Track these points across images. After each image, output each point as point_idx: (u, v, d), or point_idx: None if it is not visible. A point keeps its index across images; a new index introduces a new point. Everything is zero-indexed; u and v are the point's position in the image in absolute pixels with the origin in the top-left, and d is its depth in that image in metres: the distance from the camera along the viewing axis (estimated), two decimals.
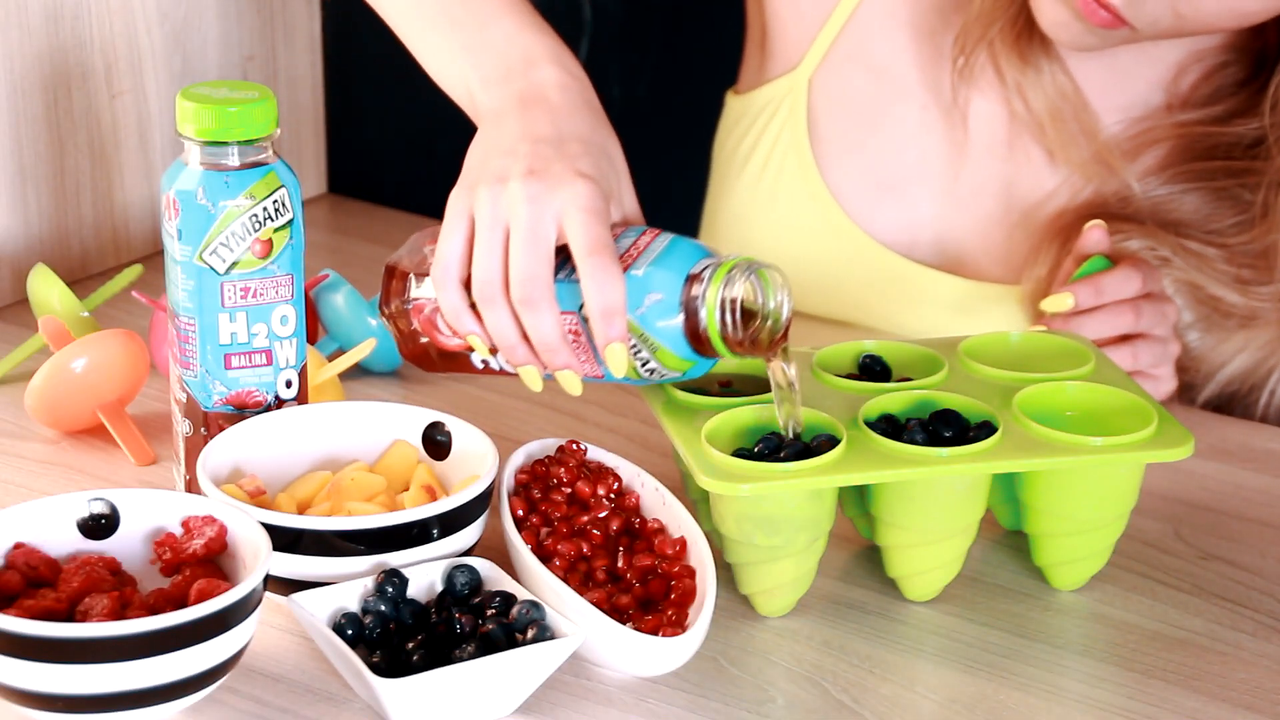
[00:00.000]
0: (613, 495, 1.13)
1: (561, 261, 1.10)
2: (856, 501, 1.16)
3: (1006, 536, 1.20)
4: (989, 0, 1.40)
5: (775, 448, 1.09)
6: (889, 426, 1.12)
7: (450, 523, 1.09)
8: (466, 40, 1.19)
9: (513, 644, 1.01)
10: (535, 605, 1.03)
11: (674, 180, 1.79)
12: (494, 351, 1.13)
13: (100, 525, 1.08)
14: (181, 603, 1.02)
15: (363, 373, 1.40)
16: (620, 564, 1.09)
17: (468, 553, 1.11)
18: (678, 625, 1.05)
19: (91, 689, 0.97)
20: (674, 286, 1.08)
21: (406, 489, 1.16)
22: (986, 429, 1.11)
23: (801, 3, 1.49)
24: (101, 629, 0.96)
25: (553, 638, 1.02)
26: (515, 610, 1.03)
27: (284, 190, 1.14)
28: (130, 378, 1.29)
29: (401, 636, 1.04)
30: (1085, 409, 1.15)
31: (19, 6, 1.45)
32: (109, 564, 1.06)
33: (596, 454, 1.15)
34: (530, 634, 1.02)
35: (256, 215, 1.13)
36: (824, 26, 1.48)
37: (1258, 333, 1.40)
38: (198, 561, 1.06)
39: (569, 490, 1.12)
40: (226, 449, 1.15)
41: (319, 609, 1.04)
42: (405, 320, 1.17)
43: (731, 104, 1.57)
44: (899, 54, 1.47)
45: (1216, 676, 1.09)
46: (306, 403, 1.19)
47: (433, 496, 1.14)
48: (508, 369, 1.14)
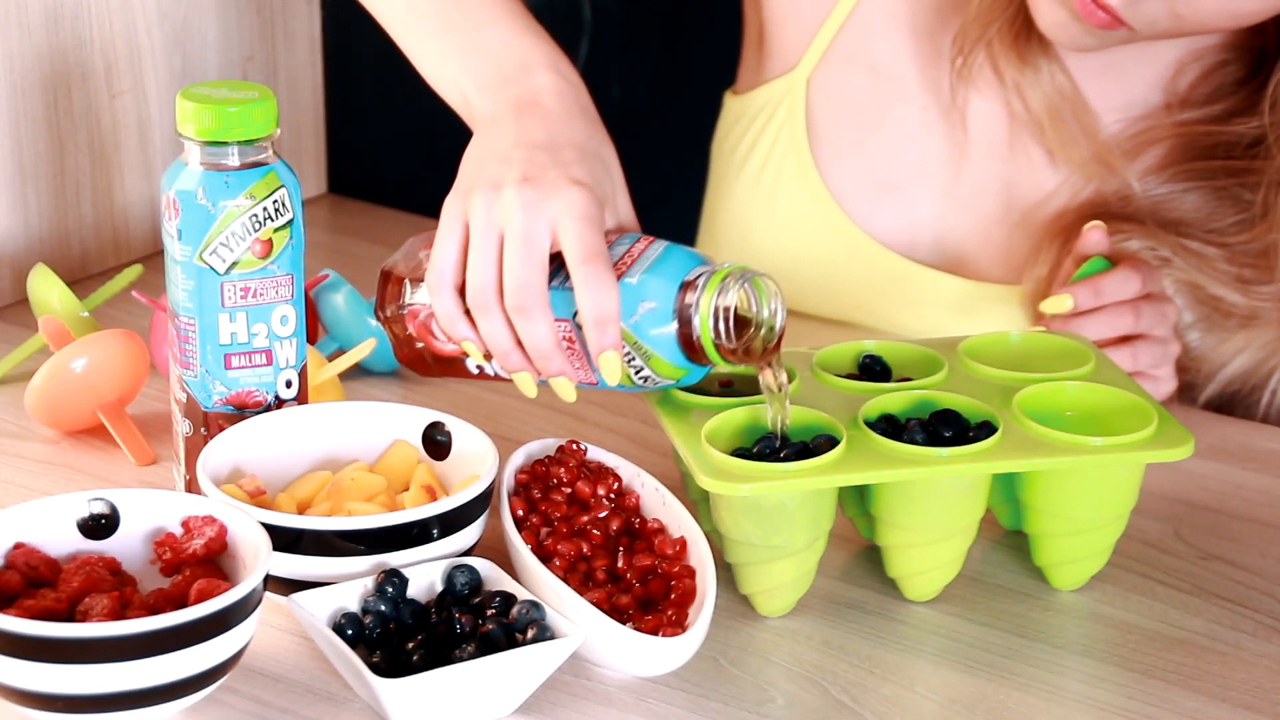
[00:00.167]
0: (613, 495, 1.13)
1: (556, 269, 1.09)
2: (856, 501, 1.16)
3: (1006, 536, 1.20)
4: (987, 0, 1.40)
5: (775, 448, 1.09)
6: (889, 426, 1.12)
7: (450, 523, 1.09)
8: (461, 44, 1.19)
9: (513, 644, 1.01)
10: (535, 605, 1.03)
11: (673, 180, 1.79)
12: (489, 357, 1.13)
13: (100, 525, 1.08)
14: (181, 603, 1.02)
15: (363, 373, 1.40)
16: (620, 564, 1.09)
17: (468, 553, 1.11)
18: (678, 625, 1.05)
19: (91, 689, 0.97)
20: (668, 294, 1.08)
21: (406, 489, 1.16)
22: (986, 429, 1.11)
23: (799, 3, 1.49)
24: (101, 629, 0.96)
25: (553, 638, 1.02)
26: (515, 610, 1.03)
27: (284, 190, 1.14)
28: (130, 378, 1.29)
29: (401, 636, 1.04)
30: (1085, 409, 1.15)
31: (19, 6, 1.45)
32: (109, 564, 1.06)
33: (596, 454, 1.15)
34: (530, 634, 1.02)
35: (256, 215, 1.13)
36: (822, 26, 1.48)
37: (1258, 332, 1.40)
38: (198, 561, 1.06)
39: (569, 490, 1.12)
40: (226, 449, 1.15)
41: (319, 609, 1.04)
42: (400, 325, 1.17)
43: (730, 104, 1.56)
44: (897, 54, 1.47)
45: (1216, 676, 1.09)
46: (306, 403, 1.19)
47: (433, 496, 1.14)
48: (502, 374, 1.14)
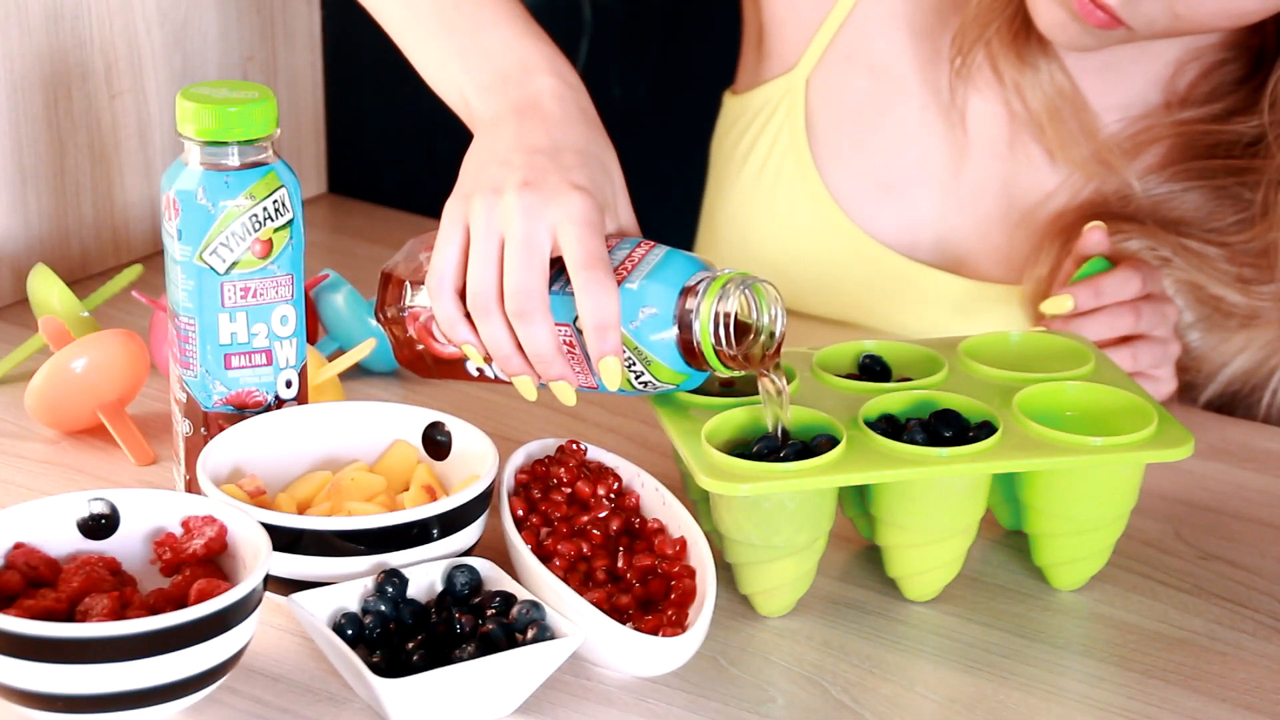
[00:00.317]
0: (613, 495, 1.13)
1: (556, 273, 1.09)
2: (856, 501, 1.16)
3: (1006, 536, 1.20)
4: (985, 0, 1.40)
5: (775, 448, 1.09)
6: (889, 426, 1.12)
7: (450, 523, 1.09)
8: (461, 47, 1.19)
9: (513, 644, 1.01)
10: (535, 605, 1.03)
11: (673, 180, 1.79)
12: (489, 360, 1.13)
13: (100, 525, 1.08)
14: (181, 603, 1.02)
15: (363, 373, 1.40)
16: (620, 564, 1.09)
17: (468, 553, 1.11)
18: (678, 625, 1.05)
19: (91, 689, 0.97)
20: (668, 300, 1.08)
21: (406, 489, 1.16)
22: (986, 429, 1.11)
23: (798, 3, 1.49)
24: (101, 629, 0.96)
25: (553, 638, 1.02)
26: (515, 610, 1.03)
27: (284, 190, 1.14)
28: (130, 378, 1.29)
29: (401, 636, 1.04)
30: (1085, 409, 1.15)
31: (19, 6, 1.45)
32: (109, 564, 1.06)
33: (596, 454, 1.15)
34: (530, 634, 1.02)
35: (256, 215, 1.13)
36: (821, 26, 1.48)
37: (1259, 332, 1.40)
38: (198, 561, 1.06)
39: (569, 490, 1.12)
40: (226, 449, 1.15)
41: (319, 609, 1.04)
42: (401, 326, 1.17)
43: (729, 104, 1.56)
44: (897, 54, 1.47)
45: (1216, 676, 1.09)
46: (306, 403, 1.19)
47: (433, 496, 1.14)
48: (502, 377, 1.14)
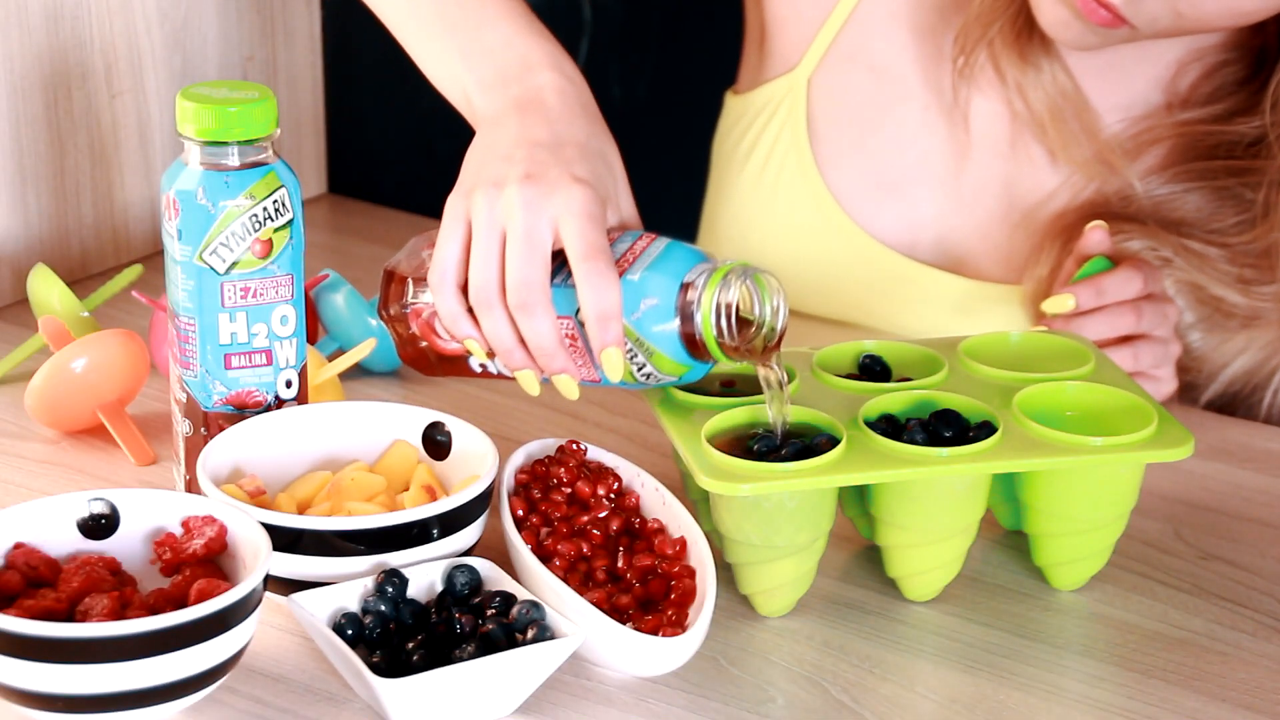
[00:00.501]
0: (613, 495, 1.13)
1: (558, 266, 1.10)
2: (856, 501, 1.16)
3: (1006, 536, 1.20)
4: (988, 0, 1.40)
5: (774, 446, 1.09)
6: (889, 426, 1.12)
7: (450, 523, 1.09)
8: (463, 44, 1.19)
9: (513, 644, 1.01)
10: (535, 605, 1.03)
11: (673, 180, 1.79)
12: (492, 356, 1.13)
13: (100, 525, 1.08)
14: (181, 603, 1.02)
15: (363, 373, 1.40)
16: (620, 564, 1.09)
17: (468, 553, 1.11)
18: (678, 625, 1.05)
19: (91, 689, 0.97)
20: (670, 291, 1.08)
21: (406, 489, 1.16)
22: (986, 429, 1.11)
23: (800, 3, 1.49)
24: (101, 629, 0.96)
25: (553, 638, 1.02)
26: (515, 610, 1.03)
27: (284, 190, 1.14)
28: (130, 378, 1.29)
29: (401, 636, 1.04)
30: (1085, 409, 1.15)
31: (19, 6, 1.45)
32: (109, 564, 1.06)
33: (596, 454, 1.15)
34: (530, 634, 1.02)
35: (256, 215, 1.13)
36: (823, 26, 1.48)
37: (1260, 333, 1.40)
38: (198, 561, 1.06)
39: (569, 490, 1.12)
40: (226, 449, 1.15)
41: (319, 609, 1.04)
42: (404, 324, 1.17)
43: (731, 104, 1.56)
44: (899, 54, 1.47)
45: (1216, 676, 1.09)
46: (306, 403, 1.19)
47: (433, 496, 1.14)
48: (505, 373, 1.14)
